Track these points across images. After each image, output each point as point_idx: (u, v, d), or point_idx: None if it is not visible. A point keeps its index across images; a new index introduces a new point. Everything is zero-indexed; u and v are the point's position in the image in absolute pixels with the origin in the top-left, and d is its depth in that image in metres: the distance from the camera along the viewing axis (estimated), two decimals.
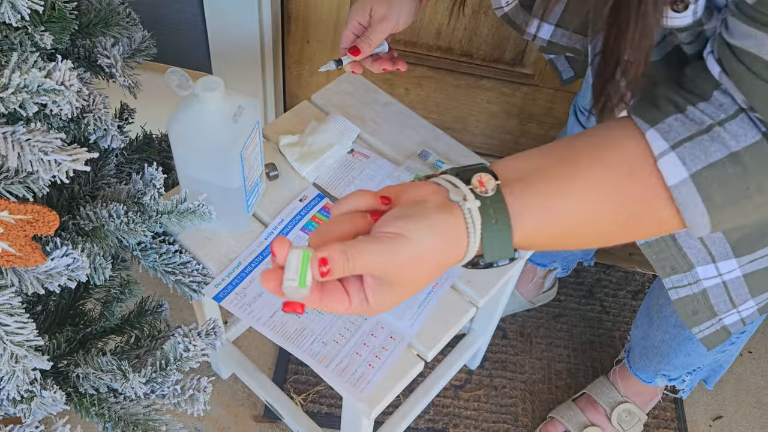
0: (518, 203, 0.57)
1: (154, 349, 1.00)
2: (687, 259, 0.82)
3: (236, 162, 0.86)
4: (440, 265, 0.57)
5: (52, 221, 0.70)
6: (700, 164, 0.55)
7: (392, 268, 0.54)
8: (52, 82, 0.64)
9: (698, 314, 0.87)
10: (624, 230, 0.59)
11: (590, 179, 0.58)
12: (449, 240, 0.56)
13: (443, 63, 1.47)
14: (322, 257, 0.52)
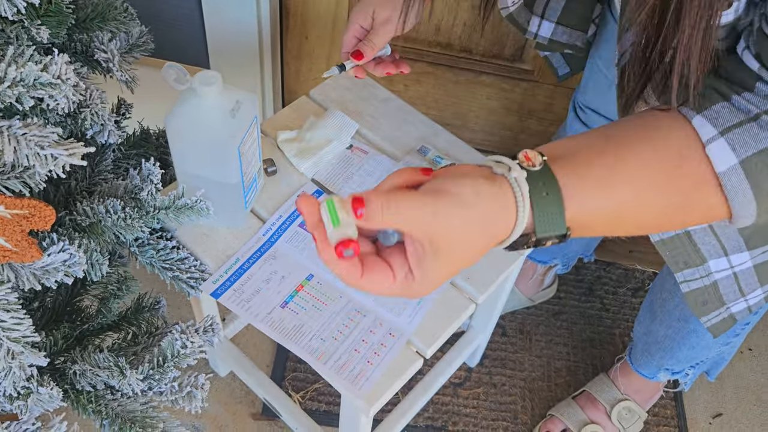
0: (567, 176, 0.55)
1: (152, 345, 0.99)
2: (700, 254, 0.81)
3: (234, 157, 0.86)
4: (488, 236, 0.54)
5: (48, 216, 0.70)
6: (750, 150, 0.54)
7: (436, 228, 0.51)
8: (48, 76, 0.63)
9: (707, 304, 0.87)
10: (674, 213, 0.57)
11: (639, 158, 0.57)
12: (497, 209, 0.53)
13: (443, 59, 1.46)
14: (358, 197, 0.51)
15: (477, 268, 0.96)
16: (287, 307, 0.91)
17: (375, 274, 0.54)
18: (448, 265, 0.54)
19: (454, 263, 0.54)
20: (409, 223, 0.52)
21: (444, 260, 0.53)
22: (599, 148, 0.58)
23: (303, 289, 0.93)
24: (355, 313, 0.91)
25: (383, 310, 0.91)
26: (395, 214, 0.51)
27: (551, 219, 0.54)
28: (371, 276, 0.54)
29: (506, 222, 0.54)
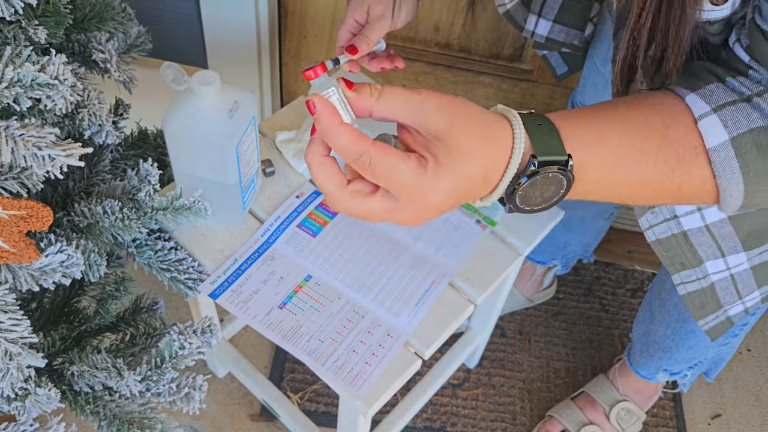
0: (563, 119, 0.56)
1: (150, 346, 0.99)
2: (697, 255, 0.81)
3: (232, 158, 0.86)
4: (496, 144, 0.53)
5: (46, 217, 0.70)
6: (741, 128, 0.55)
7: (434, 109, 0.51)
8: (45, 77, 0.63)
9: (705, 307, 0.87)
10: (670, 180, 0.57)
11: (636, 111, 0.58)
12: (495, 119, 0.53)
13: (441, 59, 1.46)
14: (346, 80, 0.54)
15: (476, 269, 0.96)
16: (285, 308, 0.91)
17: (388, 151, 0.51)
18: (461, 165, 0.51)
19: (466, 166, 0.51)
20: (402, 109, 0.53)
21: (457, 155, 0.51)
22: (594, 107, 0.59)
23: (301, 289, 0.93)
24: (354, 313, 0.91)
25: (382, 311, 0.91)
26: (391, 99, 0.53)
27: (548, 142, 0.54)
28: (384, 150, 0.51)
29: (506, 135, 0.53)
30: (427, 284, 0.94)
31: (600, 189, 0.58)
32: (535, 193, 0.56)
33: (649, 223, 0.81)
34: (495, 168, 0.53)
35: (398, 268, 0.95)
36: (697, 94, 0.57)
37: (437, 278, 0.95)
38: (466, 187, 0.53)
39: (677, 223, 0.79)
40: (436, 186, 0.51)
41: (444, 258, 0.97)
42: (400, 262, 0.96)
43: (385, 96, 0.52)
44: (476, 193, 0.55)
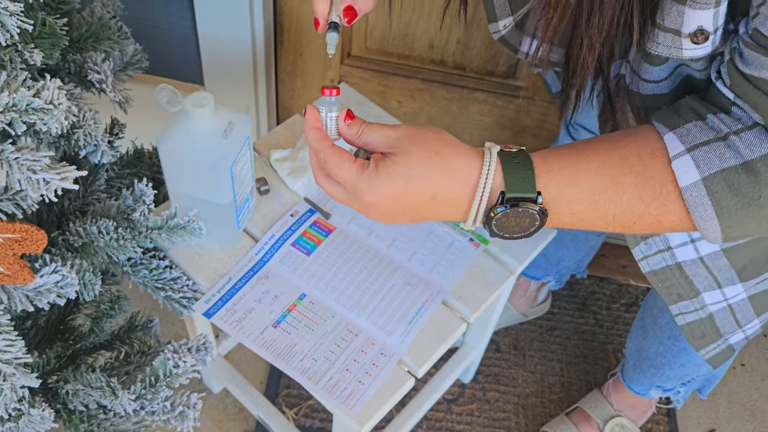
0: (542, 156, 0.62)
1: (144, 365, 0.99)
2: (693, 287, 0.82)
3: (226, 178, 0.86)
4: (449, 176, 0.61)
5: (40, 240, 0.70)
6: (713, 168, 0.56)
7: (399, 143, 0.61)
8: (40, 102, 0.64)
9: (705, 337, 0.88)
10: (646, 213, 0.60)
11: (613, 150, 0.61)
12: (464, 159, 0.61)
13: (436, 76, 1.47)
14: (350, 111, 0.66)
15: (469, 287, 0.97)
16: (279, 326, 0.91)
17: (340, 150, 0.64)
18: (399, 177, 0.61)
19: (406, 180, 0.61)
20: (378, 140, 0.63)
21: (399, 168, 0.61)
22: (573, 147, 0.63)
23: (295, 308, 0.93)
24: (347, 332, 0.91)
25: (375, 329, 0.92)
26: (370, 133, 0.64)
27: (521, 178, 0.60)
28: (337, 149, 0.64)
29: (471, 168, 0.61)
30: (421, 303, 0.94)
31: (577, 221, 0.63)
32: (510, 222, 0.62)
33: (643, 254, 0.82)
34: (448, 193, 0.61)
35: (392, 286, 0.96)
36: (674, 133, 0.59)
37: (431, 296, 0.95)
38: (408, 200, 0.62)
39: (671, 255, 0.79)
40: (369, 187, 0.62)
41: (437, 276, 0.97)
42: (394, 280, 0.96)
43: (364, 134, 0.64)
44: (429, 210, 0.63)
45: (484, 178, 0.60)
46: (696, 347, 0.89)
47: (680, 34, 0.57)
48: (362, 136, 0.64)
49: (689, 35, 0.57)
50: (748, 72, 0.55)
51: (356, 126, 0.65)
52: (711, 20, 0.56)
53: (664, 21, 0.58)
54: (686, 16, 0.56)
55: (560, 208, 0.62)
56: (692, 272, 0.80)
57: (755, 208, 0.57)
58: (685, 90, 0.67)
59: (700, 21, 0.56)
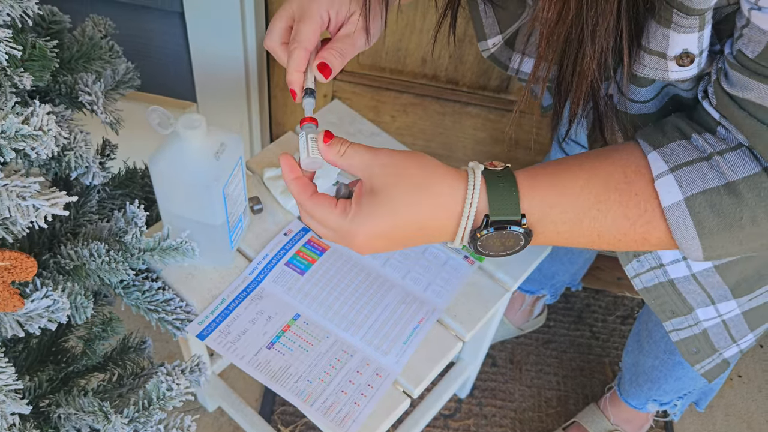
0: (525, 175, 0.62)
1: (137, 387, 0.98)
2: (687, 303, 0.81)
3: (219, 199, 0.86)
4: (432, 204, 0.60)
5: (29, 267, 0.69)
6: (695, 189, 0.57)
7: (380, 175, 0.61)
8: (29, 128, 0.63)
9: (699, 353, 0.87)
10: (632, 231, 0.60)
11: (598, 168, 0.61)
12: (446, 184, 0.61)
13: (429, 90, 1.47)
14: (329, 133, 0.64)
15: (464, 305, 0.96)
16: (273, 347, 0.91)
17: (321, 199, 0.64)
18: (384, 215, 0.60)
19: (392, 217, 0.60)
20: (358, 165, 0.62)
21: (384, 207, 0.60)
22: (558, 165, 0.63)
23: (289, 329, 0.92)
24: (342, 353, 0.91)
25: (370, 350, 0.91)
26: (351, 155, 0.63)
27: (505, 201, 0.60)
28: (318, 198, 0.64)
29: (454, 195, 0.60)
30: (416, 322, 0.94)
31: (563, 240, 0.63)
32: (495, 243, 0.62)
33: (635, 272, 0.81)
34: (434, 222, 0.61)
35: (386, 305, 0.95)
36: (658, 152, 0.59)
37: (425, 315, 0.95)
38: (396, 234, 0.62)
39: (664, 272, 0.79)
40: (356, 230, 0.62)
41: (432, 295, 0.97)
42: (389, 299, 0.96)
43: (347, 154, 0.63)
44: (419, 239, 0.63)
45: (468, 202, 0.60)
46: (691, 362, 0.89)
47: (666, 56, 0.58)
48: (345, 156, 0.63)
49: (675, 58, 0.57)
50: (733, 92, 0.55)
51: (337, 145, 0.64)
52: (696, 43, 0.56)
53: (650, 44, 0.58)
54: (671, 39, 0.56)
55: (545, 228, 0.62)
56: (685, 289, 0.80)
57: (736, 229, 0.57)
58: (673, 109, 0.67)
59: (684, 44, 0.56)
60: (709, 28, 0.56)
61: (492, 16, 0.78)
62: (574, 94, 0.63)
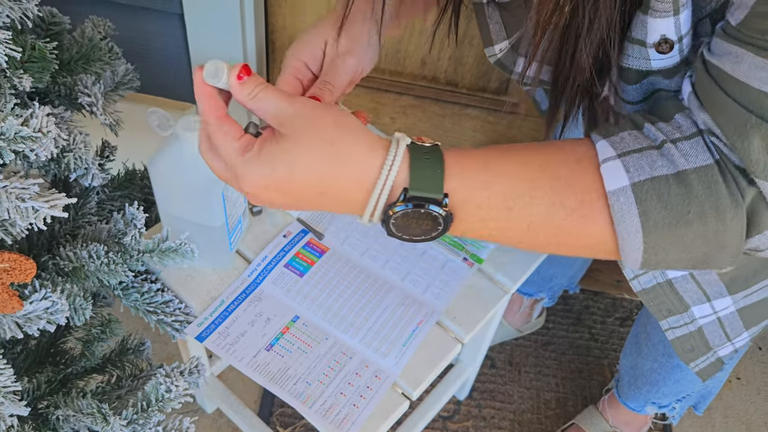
0: (455, 155, 0.56)
1: (136, 389, 0.98)
2: (683, 302, 0.81)
3: (218, 201, 0.86)
4: (340, 167, 0.54)
5: (28, 269, 0.69)
6: (643, 175, 0.54)
7: (291, 124, 0.54)
8: (29, 130, 0.63)
9: (694, 351, 0.87)
10: (566, 219, 0.56)
11: (536, 155, 0.57)
12: (362, 149, 0.54)
13: (428, 92, 1.47)
14: (248, 67, 0.56)
15: (463, 307, 0.96)
16: (272, 349, 0.90)
17: (229, 124, 0.57)
18: (280, 166, 0.54)
19: (288, 171, 0.54)
20: (271, 111, 0.55)
21: (284, 157, 0.54)
22: (494, 147, 0.59)
23: (288, 331, 0.92)
24: (341, 355, 0.91)
25: (369, 352, 0.91)
26: (264, 99, 0.55)
27: (428, 176, 0.54)
28: (225, 123, 0.57)
29: (370, 163, 0.54)
30: (415, 324, 0.94)
31: (488, 230, 0.58)
32: (411, 224, 0.57)
33: (634, 273, 0.81)
34: (339, 192, 0.55)
35: (386, 307, 0.95)
36: (607, 140, 0.57)
37: (425, 317, 0.94)
38: (291, 192, 0.55)
39: (662, 272, 0.79)
40: (247, 173, 0.55)
41: (431, 297, 0.97)
42: (388, 301, 0.96)
43: (259, 97, 0.56)
44: (321, 203, 0.56)
45: (385, 173, 0.54)
46: (685, 360, 0.89)
47: (646, 44, 0.57)
48: (257, 98, 0.56)
49: (654, 45, 0.57)
50: (710, 59, 0.53)
51: (251, 85, 0.56)
52: (673, 28, 0.55)
53: (632, 33, 0.58)
54: (649, 25, 0.55)
55: (468, 213, 0.57)
56: (682, 288, 0.80)
57: (682, 225, 0.54)
58: None
59: (662, 29, 0.55)
60: (687, 14, 0.55)
61: (498, 21, 0.77)
62: (570, 90, 0.62)
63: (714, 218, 0.53)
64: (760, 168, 0.52)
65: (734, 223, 0.54)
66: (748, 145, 0.51)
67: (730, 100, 0.52)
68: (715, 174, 0.53)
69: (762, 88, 0.49)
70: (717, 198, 0.53)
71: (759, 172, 0.52)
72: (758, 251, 0.57)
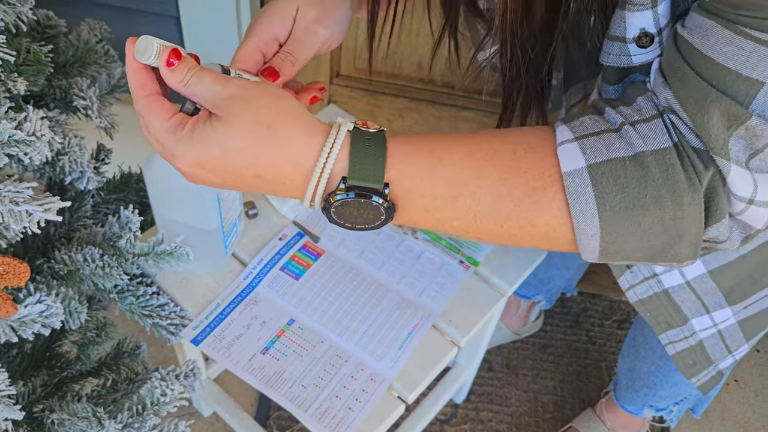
0: (399, 142, 0.55)
1: (131, 392, 0.98)
2: (682, 314, 0.80)
3: (213, 205, 0.85)
4: (277, 151, 0.52)
5: (23, 273, 0.69)
6: (600, 157, 0.53)
7: (226, 106, 0.52)
8: (22, 134, 0.63)
9: (695, 365, 0.86)
10: (514, 209, 0.54)
11: (483, 143, 0.55)
12: (301, 133, 0.52)
13: (425, 94, 1.47)
14: (179, 51, 0.53)
15: (459, 310, 0.96)
16: (268, 353, 0.90)
17: (157, 103, 0.54)
18: (213, 146, 0.52)
19: (221, 152, 0.52)
20: (205, 95, 0.53)
21: (216, 137, 0.52)
22: (442, 134, 0.57)
23: (284, 334, 0.92)
24: (337, 358, 0.91)
25: (365, 355, 0.91)
26: (196, 83, 0.53)
27: (368, 165, 0.53)
28: (155, 101, 0.54)
29: (308, 148, 0.53)
30: (411, 327, 0.94)
31: (433, 220, 0.56)
32: (353, 213, 0.55)
33: (629, 283, 0.81)
34: (276, 175, 0.53)
35: (381, 310, 0.95)
36: (567, 125, 0.56)
37: (420, 321, 0.94)
38: (227, 173, 0.53)
39: (657, 282, 0.79)
40: (180, 152, 0.53)
41: (427, 300, 0.97)
42: (384, 304, 0.95)
43: (191, 83, 0.53)
44: (259, 186, 0.54)
45: (323, 160, 0.52)
46: (687, 375, 0.88)
47: (626, 40, 0.57)
48: (189, 84, 0.53)
49: (634, 39, 0.56)
50: (681, 33, 0.53)
51: (182, 71, 0.53)
52: (651, 21, 0.55)
53: (611, 30, 0.57)
54: (628, 20, 0.55)
55: (412, 203, 0.55)
56: (680, 298, 0.80)
57: (639, 210, 0.52)
58: None
59: (641, 23, 0.55)
60: (666, 6, 0.55)
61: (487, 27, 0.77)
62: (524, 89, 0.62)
63: (671, 203, 0.52)
64: (719, 145, 0.51)
65: (692, 209, 0.52)
66: (708, 120, 0.51)
67: (692, 72, 0.51)
68: (672, 157, 0.52)
69: (726, 64, 0.49)
70: (674, 182, 0.52)
71: (718, 150, 0.51)
72: (717, 242, 0.56)
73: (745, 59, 0.48)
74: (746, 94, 0.49)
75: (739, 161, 0.51)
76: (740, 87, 0.49)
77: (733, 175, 0.52)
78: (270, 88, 0.54)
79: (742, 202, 0.53)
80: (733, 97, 0.49)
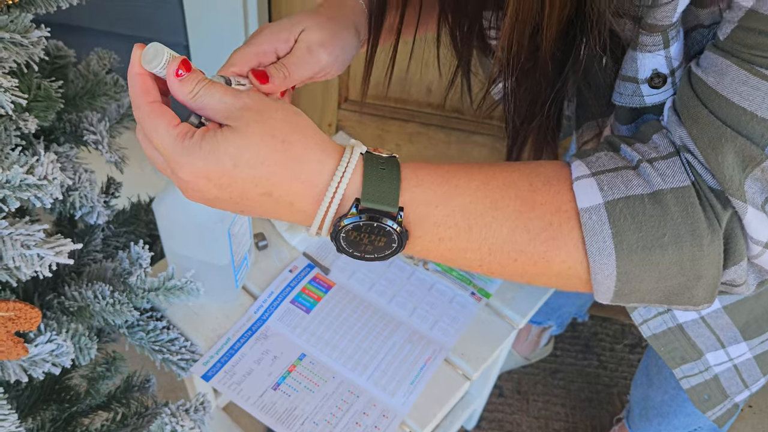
0: (414, 168, 0.53)
1: (141, 427, 0.97)
2: (696, 348, 0.79)
3: (224, 240, 0.85)
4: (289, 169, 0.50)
5: (34, 318, 0.69)
6: (618, 194, 0.51)
7: (238, 120, 0.50)
8: (34, 178, 0.63)
9: (710, 400, 0.85)
10: (529, 244, 0.52)
11: (499, 174, 0.54)
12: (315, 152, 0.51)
13: (434, 119, 1.47)
14: (188, 62, 0.51)
15: (471, 343, 0.95)
16: (279, 388, 0.89)
17: (162, 111, 0.51)
18: (224, 157, 0.49)
19: (232, 164, 0.49)
20: (215, 107, 0.50)
21: (229, 148, 0.49)
22: (459, 165, 0.56)
23: (295, 369, 0.91)
24: (349, 393, 0.90)
25: (377, 390, 0.90)
26: (206, 96, 0.50)
27: (382, 187, 0.51)
28: (159, 109, 0.51)
29: (321, 164, 0.51)
30: (423, 361, 0.93)
31: (446, 251, 0.54)
32: (363, 240, 0.53)
33: (643, 318, 0.80)
34: (287, 194, 0.51)
35: (393, 344, 0.94)
36: (583, 161, 0.55)
37: (433, 354, 0.93)
38: (235, 188, 0.50)
39: (672, 316, 0.78)
40: (186, 162, 0.50)
41: (439, 333, 0.96)
42: (395, 338, 0.95)
43: (200, 95, 0.51)
44: (264, 206, 0.52)
45: (336, 181, 0.50)
46: (702, 410, 0.87)
47: (638, 81, 0.56)
48: (198, 97, 0.51)
49: (647, 80, 0.56)
50: (696, 72, 0.52)
51: (191, 83, 0.51)
52: (664, 62, 0.54)
53: (623, 70, 0.57)
54: (639, 61, 0.55)
55: (425, 231, 0.53)
56: (695, 333, 0.79)
57: (657, 250, 0.51)
58: None
59: (653, 64, 0.54)
60: (678, 47, 0.54)
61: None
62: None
63: (690, 243, 0.51)
64: (734, 186, 0.50)
65: (711, 250, 0.51)
66: (722, 160, 0.50)
67: (706, 111, 0.50)
68: (692, 196, 0.51)
69: (741, 104, 0.48)
70: (694, 221, 0.51)
71: (733, 191, 0.50)
72: (734, 285, 0.55)
73: (761, 99, 0.48)
74: (762, 135, 0.49)
75: (755, 203, 0.50)
76: (756, 127, 0.48)
77: (750, 218, 0.51)
78: (283, 103, 0.52)
79: (758, 246, 0.52)
80: (749, 138, 0.49)
